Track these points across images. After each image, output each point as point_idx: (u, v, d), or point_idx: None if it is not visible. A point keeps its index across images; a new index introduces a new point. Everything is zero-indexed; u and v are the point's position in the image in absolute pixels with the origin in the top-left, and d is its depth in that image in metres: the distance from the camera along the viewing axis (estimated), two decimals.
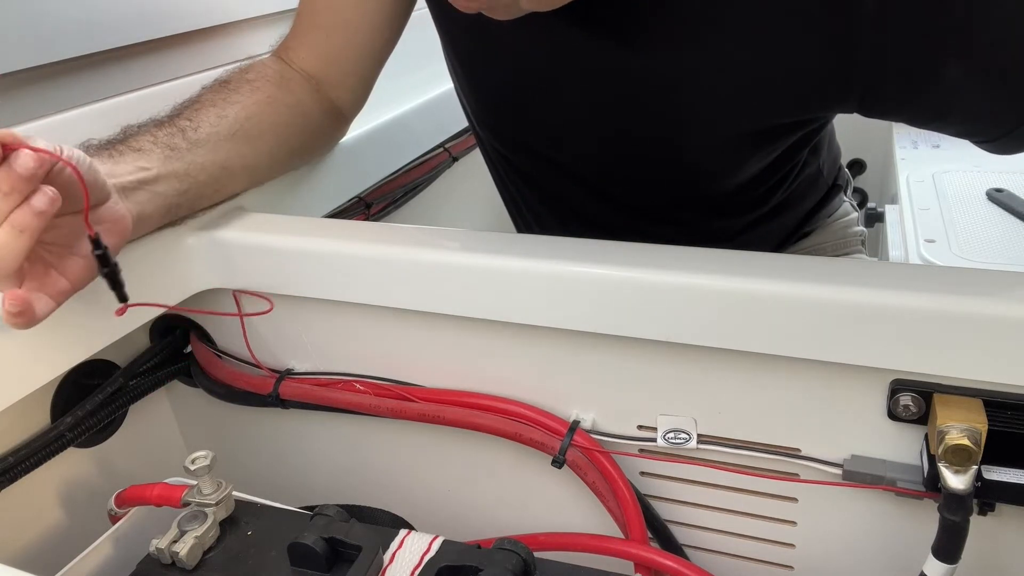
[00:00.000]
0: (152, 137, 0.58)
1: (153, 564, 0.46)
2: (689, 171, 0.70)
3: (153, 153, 0.57)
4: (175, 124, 0.61)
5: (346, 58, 0.73)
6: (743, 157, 0.68)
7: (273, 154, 0.68)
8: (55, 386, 0.59)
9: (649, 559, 0.50)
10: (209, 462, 0.48)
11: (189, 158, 0.59)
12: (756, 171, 0.70)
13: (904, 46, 0.53)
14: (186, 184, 0.58)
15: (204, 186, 0.60)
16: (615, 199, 0.75)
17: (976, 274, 0.47)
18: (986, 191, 1.06)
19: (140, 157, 0.56)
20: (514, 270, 0.53)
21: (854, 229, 0.87)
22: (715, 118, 0.63)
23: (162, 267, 0.61)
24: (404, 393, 0.60)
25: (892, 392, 0.48)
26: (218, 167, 0.61)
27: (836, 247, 0.85)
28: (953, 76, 0.53)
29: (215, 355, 0.67)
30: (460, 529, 0.67)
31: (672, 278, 0.49)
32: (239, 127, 0.64)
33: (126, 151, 0.56)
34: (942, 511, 0.46)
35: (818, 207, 0.84)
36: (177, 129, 0.60)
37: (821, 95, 0.59)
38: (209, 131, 0.62)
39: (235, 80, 0.68)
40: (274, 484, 0.73)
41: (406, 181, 1.00)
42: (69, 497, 0.62)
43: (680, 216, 0.76)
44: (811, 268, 0.49)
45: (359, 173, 0.89)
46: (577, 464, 0.56)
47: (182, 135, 0.60)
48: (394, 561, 0.46)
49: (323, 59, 0.72)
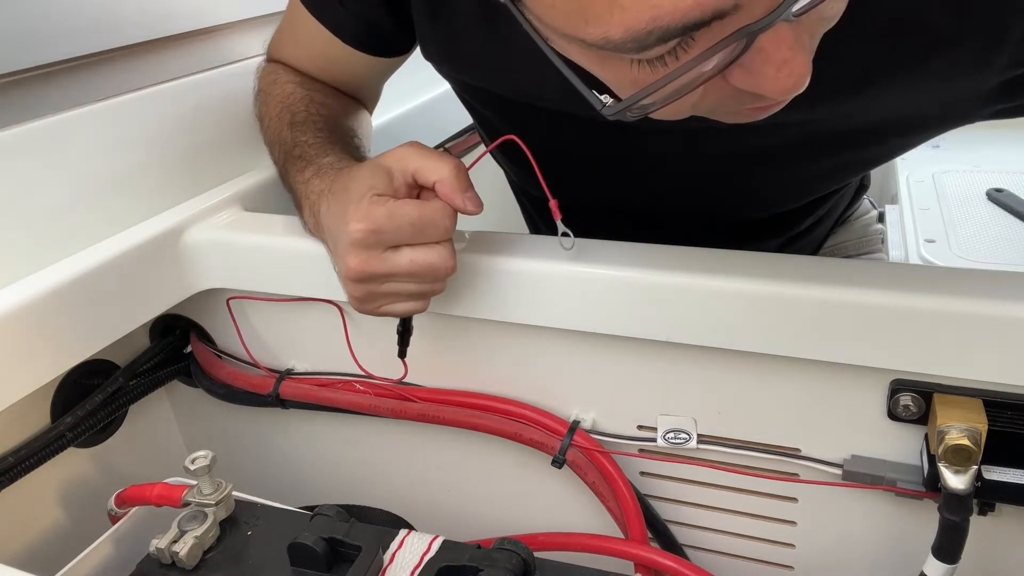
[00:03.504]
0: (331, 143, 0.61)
1: (153, 564, 0.46)
2: (760, 204, 0.68)
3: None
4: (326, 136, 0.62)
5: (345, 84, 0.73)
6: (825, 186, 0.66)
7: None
8: (55, 386, 0.59)
9: (649, 559, 0.50)
10: (209, 462, 0.48)
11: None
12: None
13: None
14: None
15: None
16: (658, 227, 0.70)
17: (976, 274, 0.47)
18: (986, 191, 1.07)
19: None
20: (514, 270, 0.53)
21: (875, 227, 0.85)
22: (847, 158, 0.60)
23: (162, 267, 0.61)
24: (404, 393, 0.60)
25: (892, 392, 0.48)
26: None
27: (858, 245, 0.84)
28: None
29: (215, 355, 0.67)
30: (460, 529, 0.67)
31: (672, 279, 0.49)
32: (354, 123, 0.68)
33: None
34: (942, 511, 0.46)
35: (846, 209, 0.83)
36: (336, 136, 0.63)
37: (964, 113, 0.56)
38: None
39: (307, 103, 0.66)
40: (274, 484, 0.73)
41: None
42: (69, 497, 0.62)
43: (717, 240, 0.72)
44: (811, 268, 0.49)
45: None
46: (577, 464, 0.55)
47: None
48: (394, 561, 0.46)
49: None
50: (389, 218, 0.47)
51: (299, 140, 0.61)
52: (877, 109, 0.53)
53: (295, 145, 0.61)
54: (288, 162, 0.61)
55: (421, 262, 0.48)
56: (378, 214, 0.47)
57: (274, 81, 0.68)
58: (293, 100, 0.65)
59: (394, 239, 0.48)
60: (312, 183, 0.56)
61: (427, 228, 0.48)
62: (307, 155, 0.59)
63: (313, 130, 0.62)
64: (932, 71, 0.49)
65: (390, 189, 0.48)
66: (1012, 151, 1.19)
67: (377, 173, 0.49)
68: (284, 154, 0.62)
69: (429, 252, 0.48)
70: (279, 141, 0.63)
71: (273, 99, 0.67)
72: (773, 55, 0.32)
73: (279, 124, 0.64)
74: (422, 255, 0.48)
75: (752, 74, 0.33)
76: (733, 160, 0.60)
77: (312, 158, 0.58)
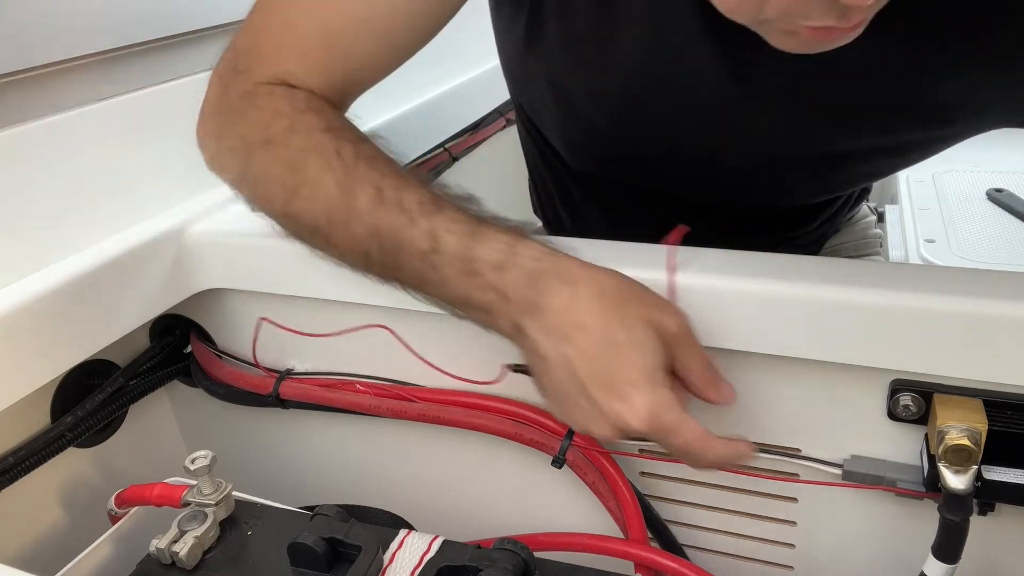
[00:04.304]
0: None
1: (153, 564, 0.46)
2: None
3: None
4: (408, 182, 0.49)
5: (362, 82, 0.57)
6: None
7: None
8: (55, 386, 0.59)
9: (649, 559, 0.50)
10: (209, 462, 0.48)
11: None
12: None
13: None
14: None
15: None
16: (683, 212, 0.69)
17: (976, 274, 0.47)
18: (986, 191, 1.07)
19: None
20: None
21: (873, 231, 0.85)
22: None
23: (162, 267, 0.61)
24: (404, 393, 0.60)
25: (892, 392, 0.48)
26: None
27: (858, 247, 0.84)
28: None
29: (215, 355, 0.67)
30: (460, 529, 0.67)
31: (671, 278, 0.49)
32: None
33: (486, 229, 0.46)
34: (942, 511, 0.46)
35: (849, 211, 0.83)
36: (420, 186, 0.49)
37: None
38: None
39: (347, 144, 0.50)
40: (274, 484, 0.73)
41: None
42: (69, 497, 0.62)
43: (742, 228, 0.70)
44: (811, 268, 0.49)
45: None
46: (577, 464, 0.55)
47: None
48: (394, 561, 0.46)
49: (339, 88, 0.55)
50: (669, 432, 0.43)
51: (406, 200, 0.47)
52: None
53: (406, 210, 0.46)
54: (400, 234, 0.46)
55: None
56: (667, 419, 0.42)
57: (291, 128, 0.49)
58: (358, 165, 0.48)
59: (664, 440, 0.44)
60: (488, 251, 0.44)
61: (694, 457, 0.44)
62: (451, 219, 0.46)
63: (422, 188, 0.49)
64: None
65: (665, 369, 0.44)
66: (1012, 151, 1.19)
67: (658, 346, 0.43)
68: (390, 235, 0.46)
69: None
70: (370, 221, 0.47)
71: (310, 162, 0.48)
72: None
73: (352, 198, 0.47)
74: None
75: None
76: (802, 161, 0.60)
77: (467, 223, 0.46)
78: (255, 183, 0.51)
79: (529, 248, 0.45)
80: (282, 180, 0.49)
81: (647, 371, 0.43)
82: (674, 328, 0.45)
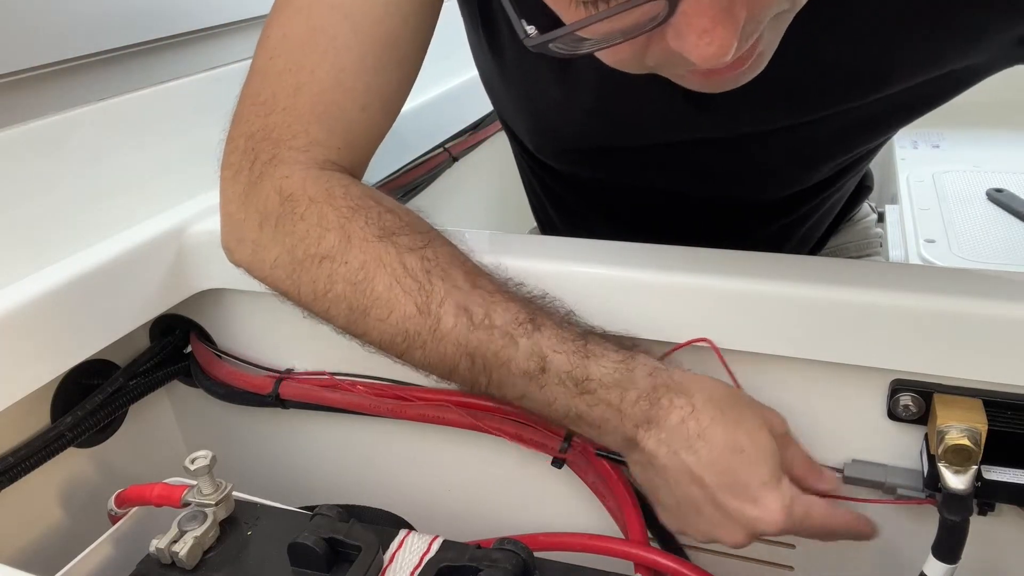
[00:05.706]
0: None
1: (153, 564, 0.46)
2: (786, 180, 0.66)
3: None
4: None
5: (369, 143, 0.56)
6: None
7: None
8: (55, 386, 0.59)
9: (649, 559, 0.50)
10: (209, 462, 0.48)
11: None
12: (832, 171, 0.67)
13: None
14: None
15: None
16: (671, 206, 0.69)
17: (976, 274, 0.47)
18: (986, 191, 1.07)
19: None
20: (513, 270, 0.53)
21: (874, 230, 0.85)
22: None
23: (162, 267, 0.61)
24: (404, 393, 0.60)
25: (892, 392, 0.48)
26: None
27: (859, 247, 0.84)
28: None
29: (215, 355, 0.67)
30: (460, 529, 0.67)
31: (671, 278, 0.49)
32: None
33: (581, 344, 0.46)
34: (942, 511, 0.46)
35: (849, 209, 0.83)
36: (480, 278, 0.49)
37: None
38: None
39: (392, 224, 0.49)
40: (274, 484, 0.73)
41: (406, 181, 1.00)
42: (69, 497, 0.62)
43: (731, 221, 0.71)
44: (811, 268, 0.49)
45: None
46: (577, 464, 0.55)
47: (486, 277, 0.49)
48: (394, 561, 0.46)
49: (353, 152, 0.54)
50: (804, 519, 0.46)
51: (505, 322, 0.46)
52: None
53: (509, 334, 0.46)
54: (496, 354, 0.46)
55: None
56: (799, 510, 0.45)
57: (346, 241, 0.47)
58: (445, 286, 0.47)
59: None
60: (601, 372, 0.45)
61: (826, 533, 0.47)
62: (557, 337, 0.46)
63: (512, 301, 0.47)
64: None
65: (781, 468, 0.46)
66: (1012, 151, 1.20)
67: (776, 448, 0.46)
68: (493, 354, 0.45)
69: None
70: (463, 341, 0.46)
71: (377, 280, 0.47)
72: (695, 21, 0.33)
73: (435, 320, 0.46)
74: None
75: (679, 36, 0.34)
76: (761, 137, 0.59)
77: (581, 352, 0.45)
78: (313, 301, 0.49)
79: (643, 365, 0.46)
80: (347, 300, 0.48)
81: (774, 473, 0.45)
82: (781, 428, 0.48)
